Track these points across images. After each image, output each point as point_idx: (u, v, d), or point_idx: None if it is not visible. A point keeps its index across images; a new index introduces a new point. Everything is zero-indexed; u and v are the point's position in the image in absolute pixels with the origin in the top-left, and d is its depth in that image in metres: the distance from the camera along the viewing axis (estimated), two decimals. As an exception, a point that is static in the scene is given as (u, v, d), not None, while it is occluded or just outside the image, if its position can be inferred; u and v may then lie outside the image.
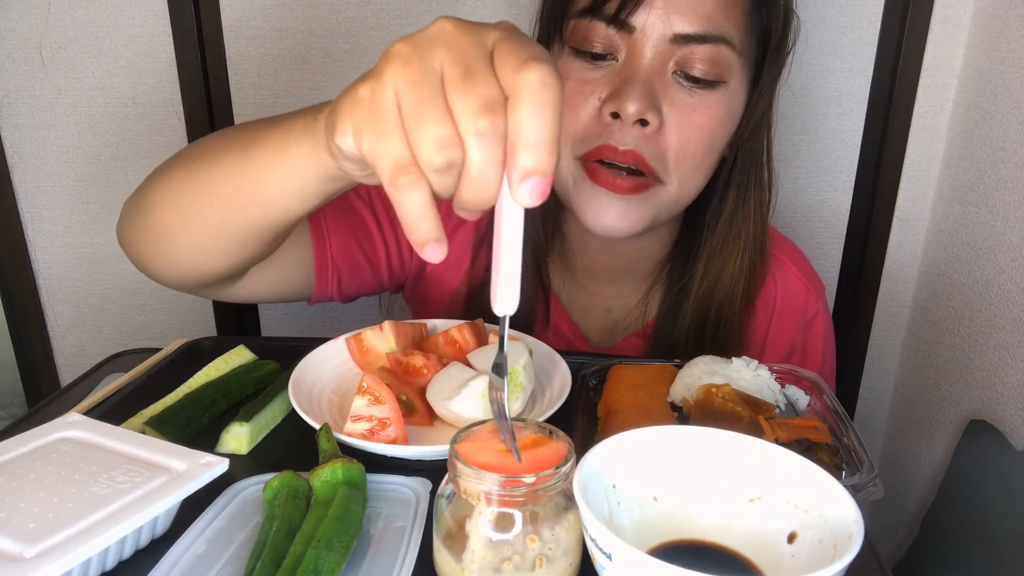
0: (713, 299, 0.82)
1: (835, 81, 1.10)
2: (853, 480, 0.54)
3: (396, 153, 0.41)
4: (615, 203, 0.72)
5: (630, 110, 0.68)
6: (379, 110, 0.41)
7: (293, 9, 1.08)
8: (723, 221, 0.80)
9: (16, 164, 1.16)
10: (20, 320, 1.24)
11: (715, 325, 0.83)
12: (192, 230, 0.64)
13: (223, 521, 0.53)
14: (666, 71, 0.70)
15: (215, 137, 0.65)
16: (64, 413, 0.59)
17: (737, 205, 0.80)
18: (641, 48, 0.69)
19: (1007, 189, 0.96)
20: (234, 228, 0.63)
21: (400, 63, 0.41)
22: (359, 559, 0.49)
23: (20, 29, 1.09)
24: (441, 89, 0.40)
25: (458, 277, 0.89)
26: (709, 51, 0.69)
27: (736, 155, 0.78)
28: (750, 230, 0.81)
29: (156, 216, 0.66)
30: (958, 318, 1.06)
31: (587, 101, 0.72)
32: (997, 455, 0.91)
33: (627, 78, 0.69)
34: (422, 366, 0.69)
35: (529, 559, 0.44)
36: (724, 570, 0.46)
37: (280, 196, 0.58)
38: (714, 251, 0.81)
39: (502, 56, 0.41)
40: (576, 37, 0.72)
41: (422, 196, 0.41)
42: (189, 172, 0.63)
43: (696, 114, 0.71)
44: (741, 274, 0.81)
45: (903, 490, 1.19)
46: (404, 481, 0.57)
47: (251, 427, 0.63)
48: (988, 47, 1.02)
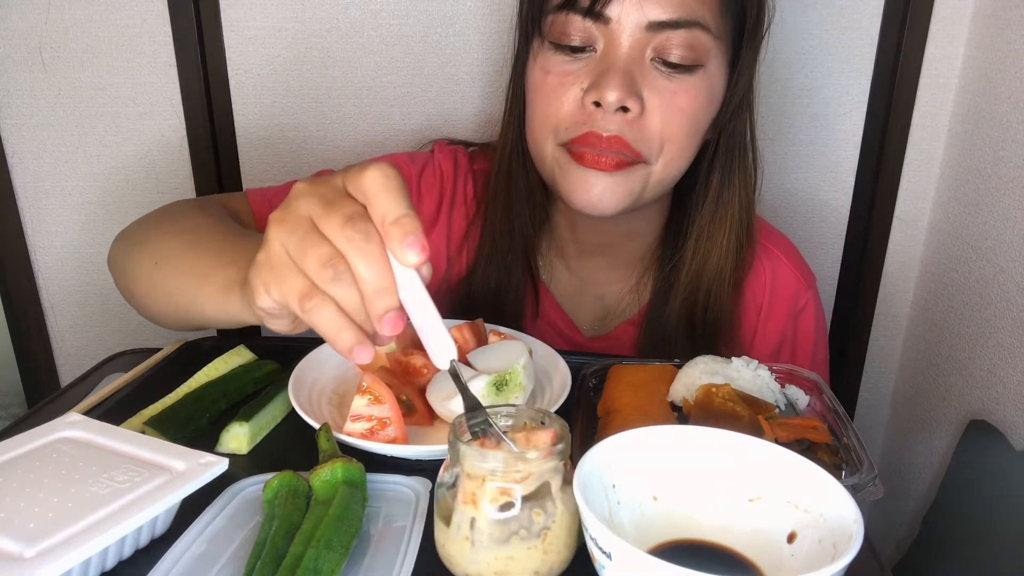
0: (703, 279, 0.83)
1: (835, 81, 1.10)
2: (853, 480, 0.54)
3: (297, 286, 0.47)
4: (601, 179, 0.74)
5: (611, 98, 0.70)
6: (274, 263, 0.48)
7: (293, 9, 1.08)
8: (709, 202, 0.82)
9: (16, 164, 1.16)
10: (20, 320, 1.24)
11: (704, 308, 0.84)
12: (156, 308, 0.72)
13: (223, 521, 0.53)
14: (644, 58, 0.72)
15: (175, 236, 0.71)
16: (64, 413, 0.59)
17: (723, 185, 0.81)
18: (618, 38, 0.71)
19: (1007, 189, 0.96)
20: (190, 322, 0.69)
21: (277, 225, 0.48)
22: (359, 559, 0.49)
23: (20, 29, 1.09)
24: (314, 226, 0.47)
25: (436, 278, 0.90)
26: (685, 36, 0.71)
27: (719, 137, 0.80)
28: (736, 210, 0.82)
29: (129, 280, 0.74)
30: (958, 318, 1.06)
31: (569, 92, 0.73)
32: (997, 455, 0.91)
33: (606, 68, 0.71)
34: (422, 366, 0.69)
35: (535, 531, 0.46)
36: (724, 570, 0.46)
37: (223, 322, 0.64)
38: (702, 231, 0.83)
39: (349, 179, 0.48)
40: (554, 32, 0.73)
41: (330, 311, 0.47)
42: (150, 270, 0.70)
43: (677, 98, 0.72)
44: (729, 254, 0.83)
45: (903, 490, 1.19)
46: (404, 481, 0.57)
47: (251, 427, 0.63)
48: (988, 47, 1.02)
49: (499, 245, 0.86)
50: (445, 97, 1.12)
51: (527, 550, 0.46)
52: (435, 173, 0.89)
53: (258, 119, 1.14)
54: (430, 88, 1.12)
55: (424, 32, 1.09)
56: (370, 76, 1.11)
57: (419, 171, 0.89)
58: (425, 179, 0.88)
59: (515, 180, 0.84)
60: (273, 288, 0.49)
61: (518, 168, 0.84)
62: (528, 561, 0.46)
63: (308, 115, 1.14)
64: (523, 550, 0.46)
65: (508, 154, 0.84)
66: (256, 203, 0.84)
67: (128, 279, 0.74)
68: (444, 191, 0.89)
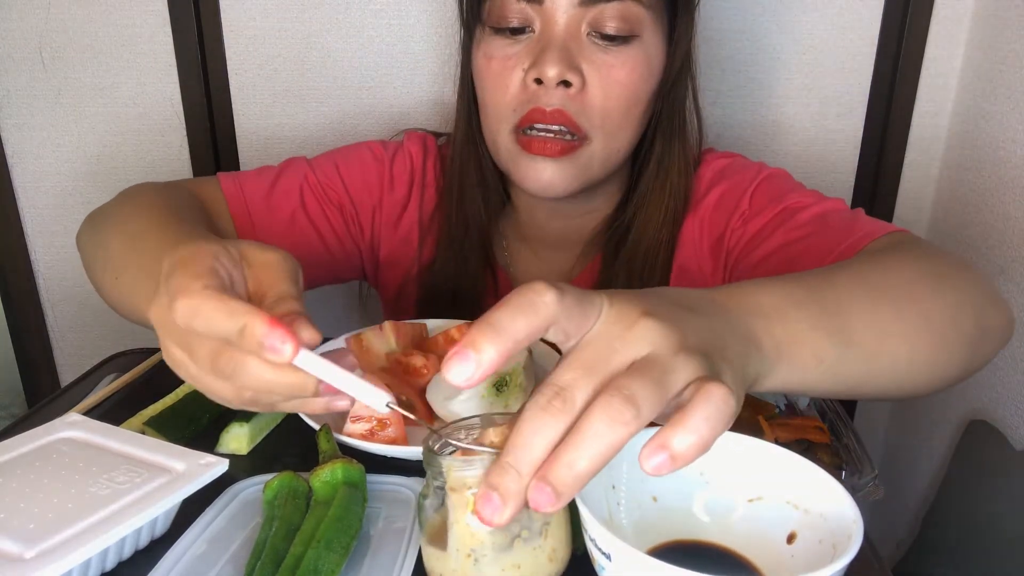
0: (640, 248, 0.84)
1: (835, 81, 1.10)
2: (853, 480, 0.54)
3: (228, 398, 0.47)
4: (548, 165, 0.76)
5: (550, 74, 0.72)
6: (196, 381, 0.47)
7: (293, 9, 1.08)
8: (650, 169, 0.83)
9: (16, 164, 1.16)
10: (20, 320, 1.24)
11: (640, 277, 0.84)
12: (114, 308, 0.69)
13: (223, 521, 0.53)
14: (580, 33, 0.74)
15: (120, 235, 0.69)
16: (64, 413, 0.59)
17: (663, 152, 0.82)
18: (553, 15, 0.73)
19: (1007, 189, 0.96)
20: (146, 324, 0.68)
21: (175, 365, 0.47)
22: (359, 559, 0.49)
23: (20, 29, 1.09)
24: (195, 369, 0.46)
25: (407, 259, 0.92)
26: (618, 8, 0.73)
27: (662, 106, 0.81)
28: (675, 178, 0.83)
29: (89, 275, 0.74)
30: (958, 318, 1.06)
31: (512, 74, 0.76)
32: (997, 455, 0.91)
33: (545, 46, 0.73)
34: (422, 366, 0.69)
35: (536, 529, 0.45)
36: (724, 570, 0.46)
37: None
38: (642, 197, 0.84)
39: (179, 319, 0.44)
40: (492, 16, 0.76)
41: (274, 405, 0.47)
42: (101, 274, 0.69)
43: (614, 71, 0.74)
44: (665, 222, 0.83)
45: (903, 490, 1.19)
46: (404, 481, 0.57)
47: (251, 427, 0.63)
48: (988, 47, 1.02)
49: (455, 234, 0.88)
50: (446, 97, 1.12)
51: (532, 551, 0.45)
52: (405, 158, 0.91)
53: (258, 119, 1.14)
54: (430, 88, 1.12)
55: (424, 32, 1.09)
56: (370, 76, 1.11)
57: (391, 157, 0.91)
58: (397, 164, 0.91)
59: (466, 169, 0.86)
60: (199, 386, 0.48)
61: (469, 158, 0.86)
62: (535, 567, 0.45)
63: (308, 115, 1.14)
64: (528, 552, 0.45)
65: (460, 144, 0.86)
66: (229, 189, 0.84)
67: (89, 274, 0.75)
68: (415, 173, 0.91)
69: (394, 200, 0.90)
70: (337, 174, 0.88)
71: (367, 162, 0.90)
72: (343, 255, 0.90)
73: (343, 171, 0.89)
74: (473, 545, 0.44)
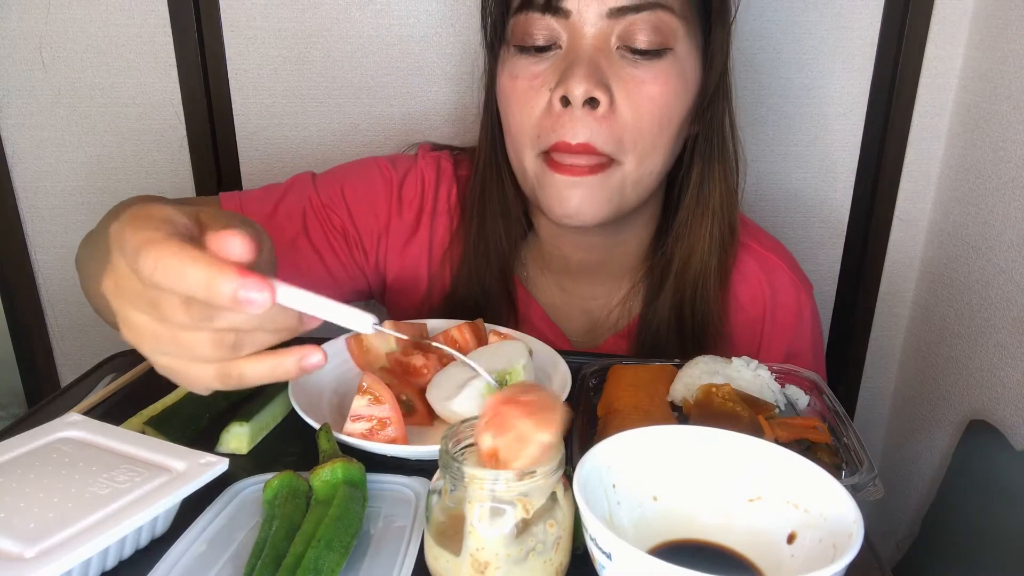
0: (687, 275, 0.81)
1: (835, 81, 1.10)
2: (853, 480, 0.54)
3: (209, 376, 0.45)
4: (577, 187, 0.72)
5: (577, 92, 0.68)
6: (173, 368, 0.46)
7: (293, 9, 1.08)
8: (691, 195, 0.80)
9: (16, 164, 1.16)
10: (20, 320, 1.24)
11: (691, 307, 0.82)
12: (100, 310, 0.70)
13: (223, 521, 0.53)
14: (609, 48, 0.70)
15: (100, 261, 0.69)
16: (64, 413, 0.59)
17: (703, 177, 0.79)
18: (580, 30, 0.70)
19: (1007, 189, 0.96)
20: None
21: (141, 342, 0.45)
22: (359, 559, 0.49)
23: (20, 29, 1.09)
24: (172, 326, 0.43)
25: (417, 296, 0.89)
26: (648, 19, 0.69)
27: (699, 129, 0.78)
28: (717, 201, 0.80)
29: (82, 286, 0.76)
30: (958, 318, 1.06)
31: (539, 94, 0.72)
32: (997, 455, 0.91)
33: (572, 62, 0.70)
34: (422, 366, 0.69)
35: (550, 544, 0.45)
36: (724, 570, 0.46)
37: None
38: (684, 226, 0.81)
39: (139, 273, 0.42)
40: (517, 35, 0.72)
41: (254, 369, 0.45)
42: (89, 287, 0.71)
43: (646, 86, 0.70)
44: (712, 249, 0.81)
45: (903, 490, 1.19)
46: (404, 481, 0.57)
47: (251, 427, 0.63)
48: (988, 47, 1.02)
49: (477, 263, 0.85)
50: (446, 98, 1.12)
51: (543, 564, 0.45)
52: (417, 182, 0.87)
53: (258, 119, 1.14)
54: (431, 88, 1.12)
55: (424, 32, 1.09)
56: (370, 76, 1.11)
57: (401, 178, 0.87)
58: (407, 187, 0.87)
59: (489, 196, 0.83)
60: (188, 386, 0.46)
61: (491, 183, 0.83)
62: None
63: (308, 115, 1.14)
64: (539, 565, 0.45)
65: (483, 170, 0.83)
66: (229, 209, 0.83)
67: (84, 293, 0.76)
68: (425, 200, 0.87)
69: (402, 225, 0.87)
70: (342, 198, 0.85)
71: (375, 183, 0.86)
72: (346, 279, 0.88)
73: (348, 194, 0.86)
74: (487, 557, 0.44)
